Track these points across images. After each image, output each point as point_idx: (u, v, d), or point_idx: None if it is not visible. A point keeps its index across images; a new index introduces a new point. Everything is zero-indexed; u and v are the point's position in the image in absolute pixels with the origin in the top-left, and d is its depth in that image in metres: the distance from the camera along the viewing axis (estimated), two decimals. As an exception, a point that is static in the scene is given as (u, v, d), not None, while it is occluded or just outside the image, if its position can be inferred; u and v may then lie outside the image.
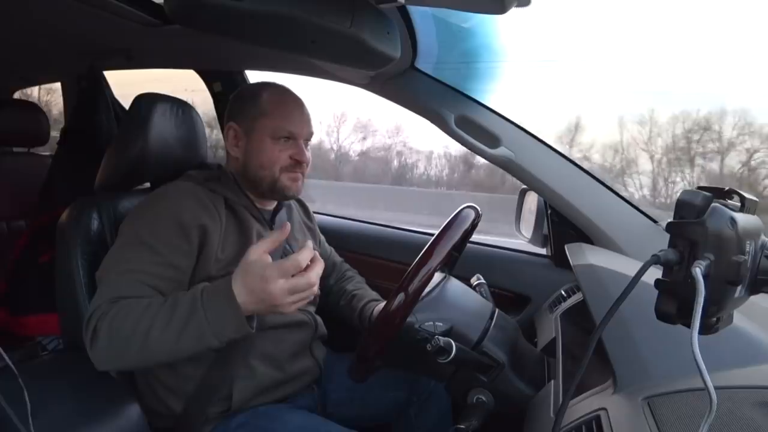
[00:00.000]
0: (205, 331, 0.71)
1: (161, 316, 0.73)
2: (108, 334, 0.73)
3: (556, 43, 4.57)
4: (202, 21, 0.73)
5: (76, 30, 1.16)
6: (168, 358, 0.76)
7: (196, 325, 0.71)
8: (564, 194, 1.04)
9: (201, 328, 0.71)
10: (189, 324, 0.72)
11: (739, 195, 0.50)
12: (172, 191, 0.87)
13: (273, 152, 0.91)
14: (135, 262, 0.79)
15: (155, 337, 0.72)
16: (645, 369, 0.62)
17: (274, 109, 0.92)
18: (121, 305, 0.74)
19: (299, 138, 0.92)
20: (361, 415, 1.01)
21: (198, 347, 0.73)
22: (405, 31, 0.92)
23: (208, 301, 0.72)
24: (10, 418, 0.56)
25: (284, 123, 0.91)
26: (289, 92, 0.95)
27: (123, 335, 0.72)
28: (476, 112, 1.07)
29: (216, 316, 0.71)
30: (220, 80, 1.55)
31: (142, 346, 0.72)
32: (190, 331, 0.72)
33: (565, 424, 0.61)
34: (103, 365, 0.77)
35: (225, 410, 0.87)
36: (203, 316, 0.71)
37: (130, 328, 0.72)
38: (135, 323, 0.72)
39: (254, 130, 0.92)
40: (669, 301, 0.47)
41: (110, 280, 0.78)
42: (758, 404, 0.51)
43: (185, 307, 0.73)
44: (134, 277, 0.78)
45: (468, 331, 0.81)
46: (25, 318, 1.40)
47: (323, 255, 1.16)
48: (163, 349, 0.73)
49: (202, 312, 0.72)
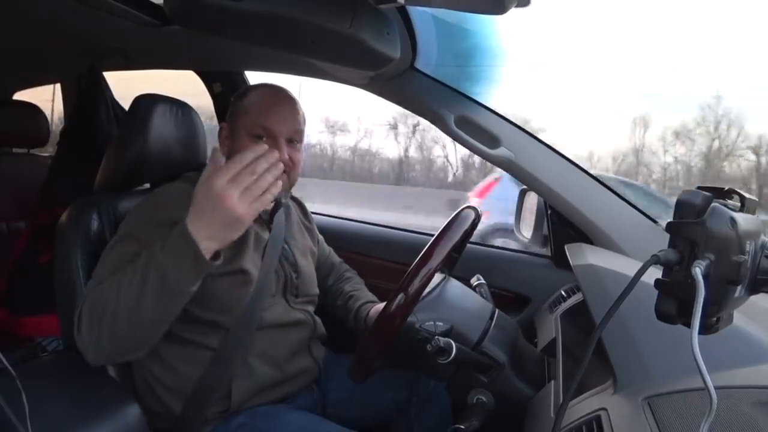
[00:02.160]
0: (166, 272, 0.69)
1: (126, 277, 0.71)
2: (88, 318, 0.72)
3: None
4: (202, 21, 0.73)
5: (76, 30, 1.16)
6: (142, 325, 0.72)
7: (156, 268, 0.69)
8: (564, 194, 1.04)
9: (161, 269, 0.69)
10: (149, 270, 0.69)
11: (739, 195, 0.50)
12: (168, 192, 0.88)
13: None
14: (120, 252, 0.79)
15: (124, 298, 0.69)
16: (645, 369, 0.62)
17: (253, 107, 0.90)
18: (99, 287, 0.73)
19: (279, 136, 0.89)
20: (361, 415, 1.01)
21: (165, 294, 0.70)
22: (405, 32, 0.92)
23: (165, 245, 0.70)
24: (9, 419, 0.56)
25: (261, 120, 0.88)
26: (275, 91, 0.93)
27: (98, 309, 0.71)
28: (476, 113, 1.07)
29: (172, 252, 0.69)
30: (220, 81, 1.55)
31: (115, 314, 0.70)
32: (153, 279, 0.69)
33: (566, 425, 0.61)
34: (90, 354, 0.74)
35: (224, 410, 0.87)
36: (160, 258, 0.69)
37: (103, 300, 0.70)
38: (107, 294, 0.71)
39: (236, 128, 0.91)
40: (669, 301, 0.47)
41: (97, 273, 0.78)
42: (758, 404, 0.51)
43: (144, 257, 0.71)
44: (117, 266, 0.76)
45: (468, 331, 0.81)
46: (24, 319, 1.40)
47: (322, 255, 1.16)
48: (132, 308, 0.70)
49: (159, 255, 0.69)
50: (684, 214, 0.48)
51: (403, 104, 1.14)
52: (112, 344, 0.73)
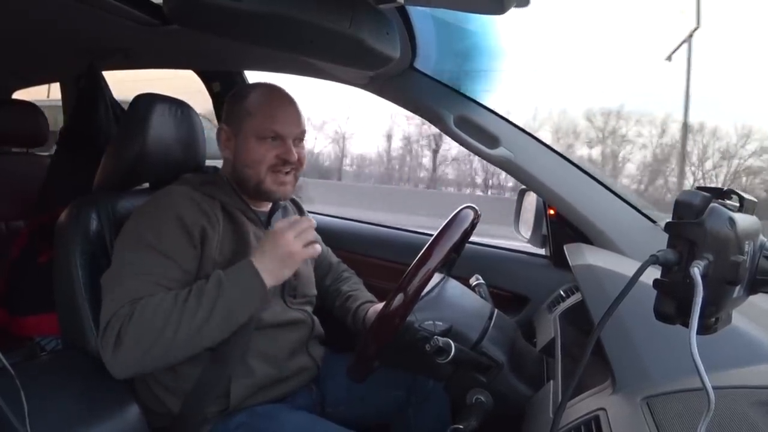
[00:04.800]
0: (233, 306, 0.78)
1: (190, 302, 0.77)
2: (136, 334, 0.75)
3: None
4: (201, 21, 0.73)
5: (75, 30, 1.16)
6: (192, 349, 0.79)
7: (226, 301, 0.78)
8: (563, 194, 1.04)
9: (230, 303, 0.78)
10: (218, 302, 0.77)
11: (738, 195, 0.50)
12: (171, 195, 0.88)
13: (258, 152, 0.90)
14: (147, 265, 0.80)
15: (186, 323, 0.76)
16: (644, 369, 0.62)
17: (258, 109, 0.91)
18: (144, 304, 0.77)
19: (287, 138, 0.91)
20: (360, 414, 1.01)
21: (226, 326, 0.79)
22: (404, 32, 0.92)
23: (232, 279, 0.79)
24: (8, 419, 0.56)
25: (269, 123, 0.90)
26: (277, 92, 0.94)
27: (153, 331, 0.75)
28: (475, 113, 1.07)
29: (242, 289, 0.79)
30: (219, 80, 1.55)
31: (173, 338, 0.75)
32: (221, 309, 0.77)
33: (564, 425, 0.61)
34: (125, 371, 0.78)
35: (223, 409, 0.87)
36: (230, 291, 0.78)
37: (162, 321, 0.75)
38: (166, 315, 0.76)
39: (241, 130, 0.92)
40: (668, 302, 0.47)
41: (124, 284, 0.79)
42: (756, 404, 0.51)
43: (212, 289, 0.79)
44: (148, 279, 0.79)
45: (467, 331, 0.81)
46: (23, 318, 1.40)
47: (320, 256, 1.16)
48: (194, 336, 0.77)
49: (228, 288, 0.78)
50: (683, 214, 0.48)
51: (402, 104, 1.14)
52: (153, 363, 0.79)
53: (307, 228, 0.83)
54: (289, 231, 0.81)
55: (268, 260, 0.80)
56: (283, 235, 0.81)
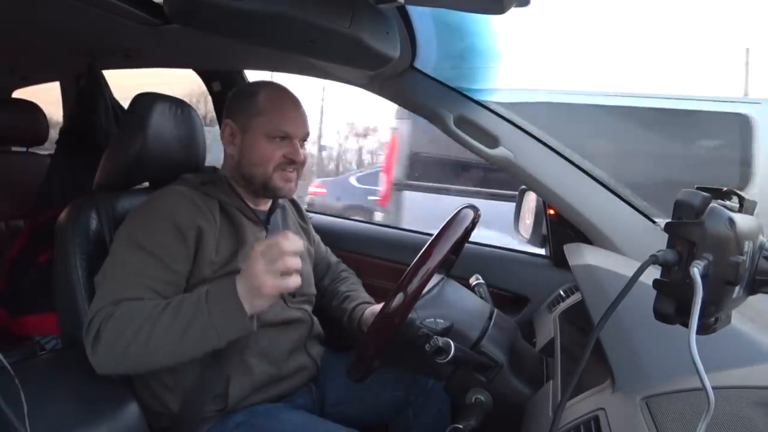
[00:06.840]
0: (208, 331, 0.74)
1: (166, 316, 0.75)
2: (112, 336, 0.75)
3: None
4: (202, 21, 0.72)
5: (75, 29, 1.16)
6: (169, 360, 0.77)
7: (200, 324, 0.74)
8: (563, 194, 1.04)
9: (205, 327, 0.74)
10: (193, 323, 0.74)
11: (737, 195, 0.50)
12: (167, 195, 0.88)
13: (267, 151, 0.91)
14: (135, 265, 0.80)
15: (159, 336, 0.74)
16: (643, 369, 0.62)
17: (270, 108, 0.92)
18: (125, 306, 0.76)
19: (294, 138, 0.93)
20: (360, 414, 1.01)
21: (200, 347, 0.75)
22: (404, 31, 0.92)
23: (212, 301, 0.75)
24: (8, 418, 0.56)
25: (280, 123, 0.92)
26: (286, 92, 0.96)
27: (127, 335, 0.74)
28: (475, 112, 1.07)
29: (220, 315, 0.74)
30: (219, 80, 1.55)
31: (145, 347, 0.74)
32: (195, 331, 0.74)
33: (564, 424, 0.61)
34: (104, 368, 0.78)
35: (222, 408, 0.87)
36: (207, 315, 0.74)
37: (136, 328, 0.74)
38: (140, 323, 0.74)
39: (250, 128, 0.92)
40: (667, 302, 0.47)
41: (111, 283, 0.80)
42: (756, 404, 0.51)
43: (189, 307, 0.75)
44: (135, 280, 0.79)
45: (467, 331, 0.81)
46: (23, 318, 1.40)
47: (318, 255, 1.16)
48: (166, 349, 0.74)
49: (206, 312, 0.74)
50: (682, 214, 0.48)
51: (402, 104, 1.14)
52: (130, 366, 0.78)
53: (283, 254, 0.71)
54: (259, 260, 0.72)
55: (242, 288, 0.74)
56: (254, 263, 0.72)
